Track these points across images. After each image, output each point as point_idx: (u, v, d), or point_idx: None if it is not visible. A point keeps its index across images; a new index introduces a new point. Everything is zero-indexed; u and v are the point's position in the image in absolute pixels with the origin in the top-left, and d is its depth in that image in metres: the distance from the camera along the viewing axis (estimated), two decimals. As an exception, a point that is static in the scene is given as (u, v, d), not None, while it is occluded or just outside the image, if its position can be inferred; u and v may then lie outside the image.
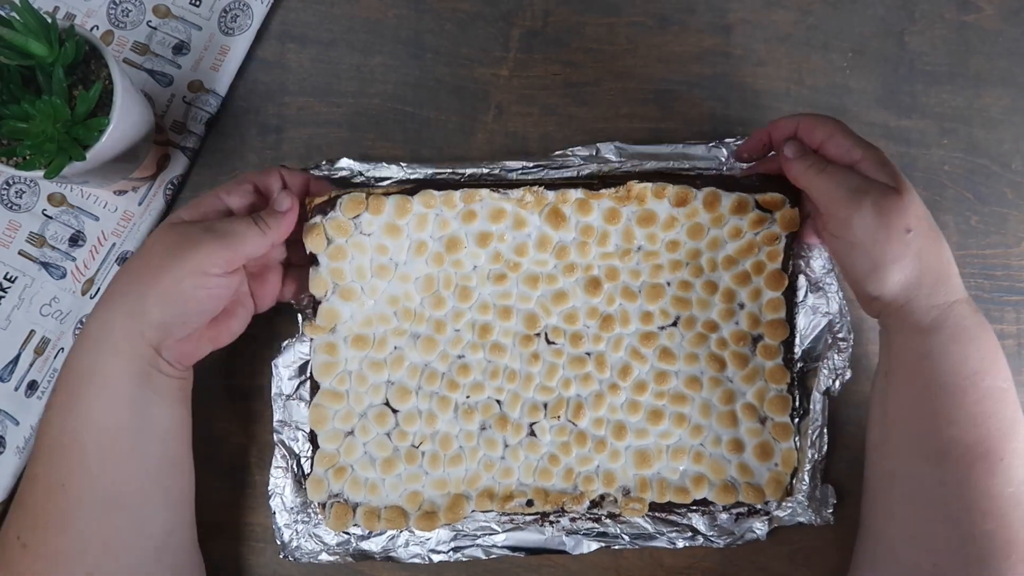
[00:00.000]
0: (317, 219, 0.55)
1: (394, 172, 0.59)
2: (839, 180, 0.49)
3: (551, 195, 0.56)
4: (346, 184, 0.59)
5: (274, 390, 0.57)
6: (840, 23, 0.64)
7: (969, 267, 0.62)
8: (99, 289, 0.59)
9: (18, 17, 0.48)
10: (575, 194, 0.56)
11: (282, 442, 0.57)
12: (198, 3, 0.62)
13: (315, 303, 0.56)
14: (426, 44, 0.63)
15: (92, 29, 0.61)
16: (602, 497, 0.57)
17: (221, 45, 0.62)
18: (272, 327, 0.58)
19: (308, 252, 0.55)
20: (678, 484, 0.57)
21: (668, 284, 0.57)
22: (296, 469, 0.57)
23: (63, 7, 0.62)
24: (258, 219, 0.50)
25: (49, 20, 0.49)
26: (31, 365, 0.59)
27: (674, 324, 0.58)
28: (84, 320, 0.58)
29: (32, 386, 0.58)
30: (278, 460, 0.57)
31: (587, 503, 0.56)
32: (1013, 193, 0.63)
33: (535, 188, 0.56)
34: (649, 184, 0.56)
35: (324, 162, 0.60)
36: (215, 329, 0.52)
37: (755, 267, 0.57)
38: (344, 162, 0.59)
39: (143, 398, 0.48)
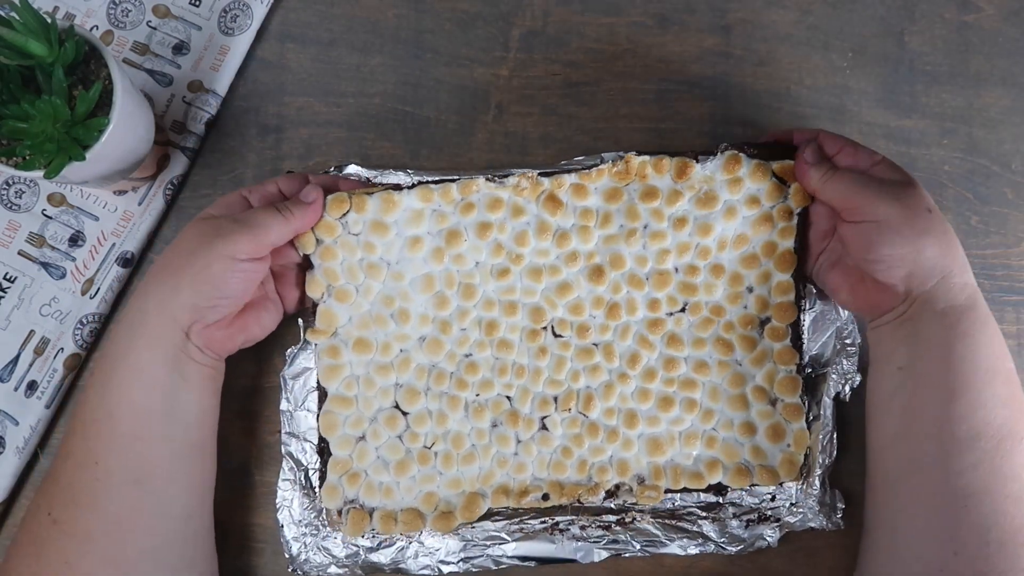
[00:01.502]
0: None
1: (401, 178, 0.60)
2: (854, 178, 0.52)
3: (546, 181, 0.56)
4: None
5: (283, 403, 0.57)
6: (840, 23, 0.64)
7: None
8: (99, 289, 0.59)
9: (18, 17, 0.48)
10: (570, 179, 0.56)
11: (290, 454, 0.57)
12: (198, 3, 0.62)
13: (315, 306, 0.56)
14: (426, 44, 0.63)
15: (92, 29, 0.61)
16: (617, 487, 0.57)
17: (221, 45, 0.62)
18: (276, 329, 0.58)
19: (302, 255, 0.56)
20: (692, 470, 0.57)
21: (676, 270, 0.57)
22: (304, 481, 0.57)
23: (63, 7, 0.62)
24: (283, 208, 0.53)
25: (49, 20, 0.49)
26: (31, 365, 0.59)
27: (682, 310, 0.57)
28: (85, 320, 0.59)
29: (32, 386, 0.58)
30: (286, 472, 0.57)
31: (602, 494, 0.56)
32: (1013, 193, 0.63)
33: (529, 174, 0.56)
34: (648, 156, 0.56)
35: (332, 168, 0.60)
36: (245, 320, 0.54)
37: (766, 248, 0.57)
38: (352, 168, 0.60)
39: (173, 383, 0.50)
